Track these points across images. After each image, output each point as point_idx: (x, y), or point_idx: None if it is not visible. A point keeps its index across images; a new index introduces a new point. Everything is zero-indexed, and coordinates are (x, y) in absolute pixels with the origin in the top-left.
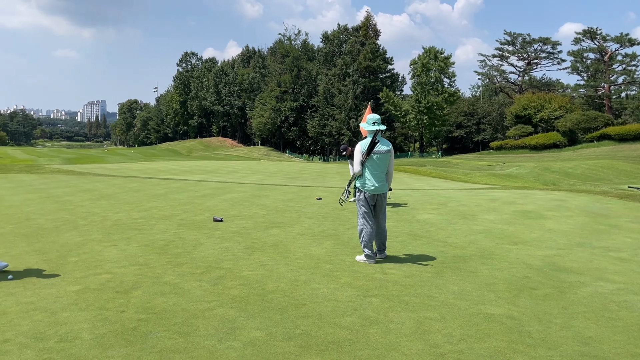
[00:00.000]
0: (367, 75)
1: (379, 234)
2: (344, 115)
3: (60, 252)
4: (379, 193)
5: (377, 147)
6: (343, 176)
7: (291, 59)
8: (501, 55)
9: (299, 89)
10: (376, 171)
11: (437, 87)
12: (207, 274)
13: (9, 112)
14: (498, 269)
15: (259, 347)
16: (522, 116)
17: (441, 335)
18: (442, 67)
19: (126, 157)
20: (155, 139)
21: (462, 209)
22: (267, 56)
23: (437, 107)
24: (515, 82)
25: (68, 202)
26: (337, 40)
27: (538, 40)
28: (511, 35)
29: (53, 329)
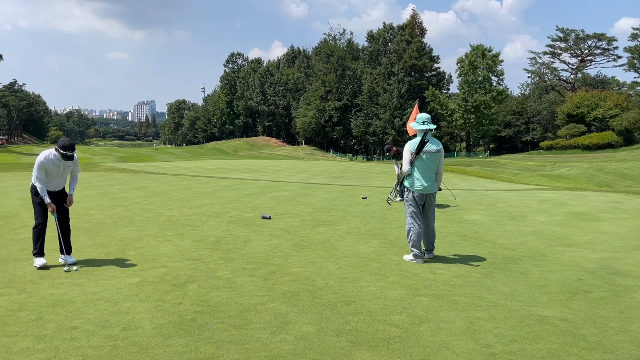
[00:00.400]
0: (412, 74)
1: (428, 234)
2: (389, 114)
3: (119, 246)
4: (428, 193)
5: (427, 147)
6: (388, 176)
7: (336, 59)
8: (553, 52)
9: (343, 88)
10: (425, 171)
11: (485, 86)
12: (258, 269)
13: (66, 113)
14: (550, 271)
15: (310, 341)
16: (575, 115)
17: (492, 336)
18: (490, 65)
19: (175, 155)
20: (202, 138)
21: (511, 210)
22: (312, 56)
23: (484, 106)
24: (567, 80)
25: (123, 199)
26: (382, 39)
27: (592, 36)
28: (564, 32)
29: (116, 318)
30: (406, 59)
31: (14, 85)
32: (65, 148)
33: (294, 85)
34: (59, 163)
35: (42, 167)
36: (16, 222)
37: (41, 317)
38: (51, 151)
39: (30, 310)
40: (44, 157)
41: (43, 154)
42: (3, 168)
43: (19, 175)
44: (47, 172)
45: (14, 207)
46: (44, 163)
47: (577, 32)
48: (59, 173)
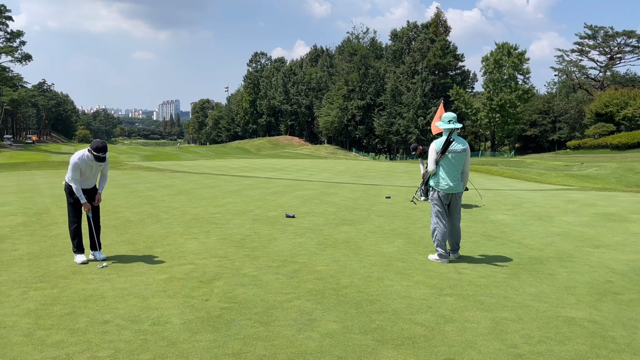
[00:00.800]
0: (436, 73)
1: (453, 233)
2: (412, 113)
3: (146, 243)
4: (454, 192)
5: (453, 146)
6: (411, 175)
7: (359, 57)
8: (581, 50)
9: (366, 87)
10: (451, 170)
11: (510, 84)
12: (283, 267)
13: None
14: (578, 272)
15: (336, 339)
16: (603, 114)
17: (519, 336)
18: (515, 64)
19: (199, 154)
20: (225, 137)
21: (537, 210)
22: (335, 55)
23: (510, 104)
24: (595, 78)
25: (150, 197)
26: (406, 37)
27: (622, 33)
28: (592, 29)
29: (146, 313)
30: (430, 58)
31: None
32: (98, 150)
33: (317, 84)
34: (92, 163)
35: (76, 167)
36: (47, 219)
37: (74, 312)
38: (84, 152)
39: (63, 304)
40: (78, 158)
41: (77, 155)
42: (33, 166)
43: (49, 173)
44: (81, 172)
45: (45, 205)
46: (78, 164)
47: (606, 29)
48: (92, 173)
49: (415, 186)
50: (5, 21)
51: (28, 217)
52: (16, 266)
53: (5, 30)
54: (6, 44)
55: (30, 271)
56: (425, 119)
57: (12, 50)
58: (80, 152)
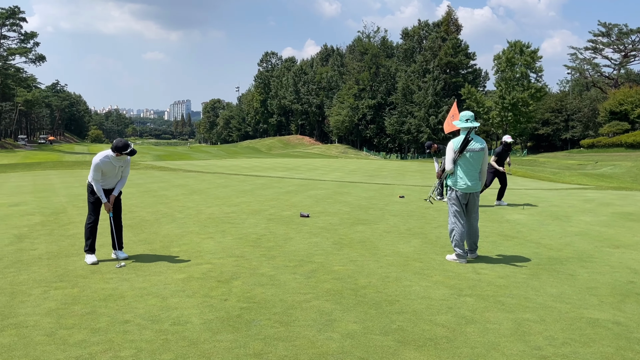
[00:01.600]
0: (447, 71)
1: (471, 233)
2: (424, 112)
3: (163, 243)
4: (472, 192)
5: (471, 145)
6: (423, 174)
7: (370, 57)
8: (594, 47)
9: (377, 86)
10: (469, 169)
11: (523, 83)
12: (300, 267)
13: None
14: (599, 273)
15: (357, 340)
16: (618, 112)
17: (542, 338)
18: (528, 62)
19: (210, 154)
20: (236, 137)
21: (553, 210)
22: (346, 54)
23: (522, 103)
24: (609, 76)
25: (164, 196)
26: (417, 36)
27: (636, 30)
28: (606, 26)
29: (166, 312)
30: (441, 56)
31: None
32: (118, 149)
33: (328, 83)
34: (116, 163)
35: (97, 168)
36: (64, 218)
37: (94, 311)
38: (107, 153)
39: (83, 304)
40: (100, 159)
41: (99, 156)
42: (48, 166)
43: (64, 173)
44: (103, 172)
45: (62, 204)
46: (99, 165)
47: (620, 27)
48: (114, 173)
49: (428, 185)
50: (19, 22)
51: (45, 216)
52: (35, 265)
53: (19, 32)
54: (20, 45)
55: (49, 270)
56: (437, 118)
57: (27, 51)
58: (103, 153)
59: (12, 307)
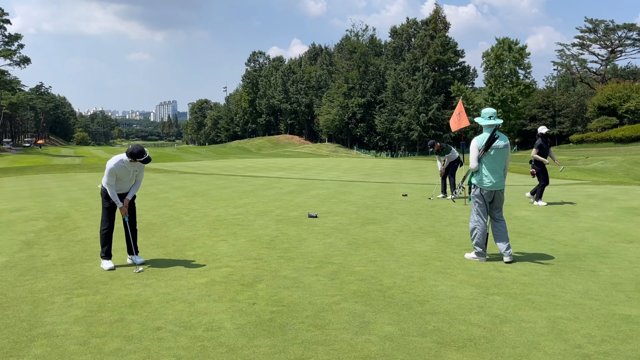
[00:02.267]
0: (436, 69)
1: (502, 232)
2: (414, 110)
3: (176, 246)
4: (497, 189)
5: (495, 142)
6: (419, 172)
7: (358, 55)
8: (582, 43)
9: (367, 84)
10: (494, 167)
11: (512, 79)
12: (320, 268)
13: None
14: (620, 269)
15: (396, 342)
16: (606, 107)
17: (580, 336)
18: (516, 59)
19: (200, 155)
20: (225, 137)
21: (559, 206)
22: (334, 53)
23: (511, 100)
24: (597, 72)
25: (166, 199)
26: (405, 34)
27: (622, 26)
28: (593, 22)
29: (196, 318)
30: (430, 54)
31: (40, 88)
32: (133, 155)
33: (317, 82)
34: (130, 168)
35: (112, 173)
36: (69, 223)
37: (123, 318)
38: (121, 157)
39: (110, 311)
40: (114, 164)
41: (113, 161)
42: (41, 170)
43: (58, 177)
44: (117, 177)
45: (64, 209)
46: (114, 170)
47: (606, 23)
48: (129, 178)
49: (429, 183)
50: (3, 24)
51: (50, 221)
52: (51, 272)
53: (3, 34)
54: (4, 47)
55: (67, 277)
56: (427, 116)
57: (11, 53)
58: (117, 157)
59: (37, 316)
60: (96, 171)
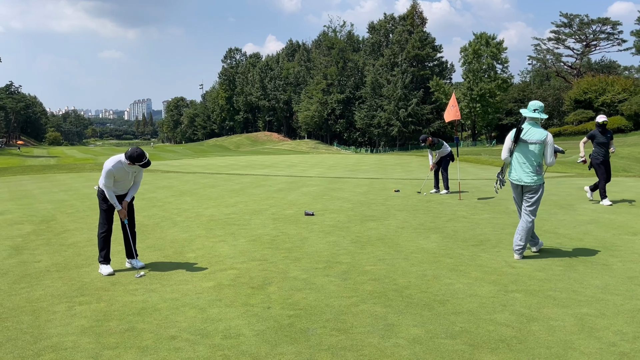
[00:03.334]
0: (415, 64)
1: (519, 228)
2: (393, 105)
3: (174, 249)
4: (523, 185)
5: (528, 136)
6: (404, 167)
7: (337, 51)
8: (557, 38)
9: (345, 80)
10: (523, 160)
11: (490, 74)
12: (330, 268)
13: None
14: (631, 261)
15: (426, 345)
16: (582, 100)
17: (612, 333)
18: (494, 53)
19: (177, 153)
20: (202, 135)
21: (554, 199)
22: (312, 49)
23: (489, 94)
24: (572, 66)
25: (154, 199)
26: (383, 30)
27: (597, 21)
28: (568, 17)
29: (211, 325)
30: (409, 50)
31: (10, 87)
32: (132, 159)
33: (295, 79)
34: (129, 169)
35: (110, 175)
36: (57, 226)
37: (133, 327)
38: (119, 158)
39: (118, 319)
40: (112, 165)
41: (111, 162)
42: (17, 171)
43: (37, 178)
44: (115, 178)
45: (49, 211)
46: (112, 171)
47: (581, 17)
48: (127, 180)
49: (417, 179)
50: None
51: (35, 225)
52: (47, 279)
53: None
54: None
55: (64, 284)
56: (406, 111)
57: None
58: (115, 158)
59: (39, 327)
60: (75, 172)
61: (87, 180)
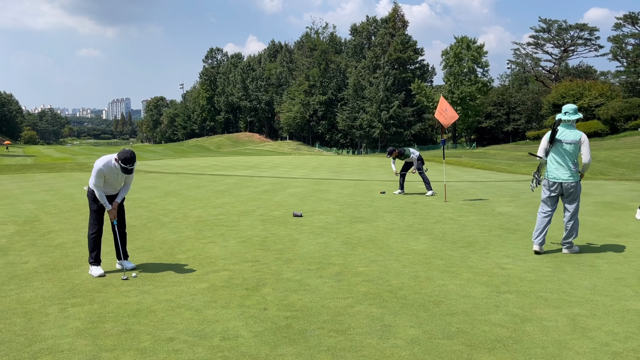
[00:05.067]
0: (397, 67)
1: (567, 226)
2: (375, 107)
3: (164, 250)
4: (561, 182)
5: (563, 136)
6: (386, 169)
7: (319, 53)
8: (536, 42)
9: (327, 82)
10: (559, 160)
11: (470, 77)
12: (322, 269)
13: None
14: (617, 263)
15: (424, 346)
16: (560, 105)
17: (604, 333)
18: (475, 57)
19: (157, 153)
20: (182, 135)
21: (537, 201)
22: (294, 50)
23: (470, 97)
24: (550, 70)
25: (139, 200)
26: (366, 32)
27: (575, 26)
28: (546, 22)
29: (209, 326)
30: (391, 52)
31: None
32: (127, 161)
33: (277, 80)
34: (117, 171)
35: (100, 174)
36: (41, 227)
37: (130, 329)
38: (111, 158)
39: (113, 321)
40: (103, 165)
41: (102, 161)
42: None
43: (16, 177)
44: (105, 178)
45: (32, 212)
46: (102, 171)
47: (559, 23)
48: (117, 180)
49: None
50: None
51: (19, 225)
52: (36, 280)
53: None
54: None
55: (55, 285)
56: (388, 113)
57: None
58: (106, 158)
59: (33, 329)
60: (55, 171)
61: (68, 180)
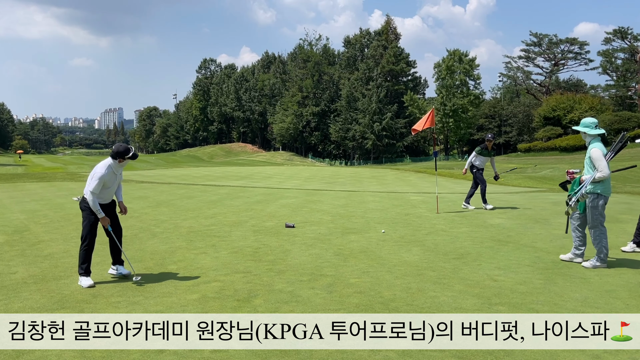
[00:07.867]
0: (389, 79)
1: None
2: (368, 119)
3: (155, 260)
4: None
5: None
6: (379, 180)
7: (312, 64)
8: (527, 56)
9: (321, 93)
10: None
11: (462, 90)
12: (314, 281)
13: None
14: (608, 275)
15: (415, 358)
16: (551, 117)
17: (595, 345)
18: (467, 70)
19: (150, 163)
20: (174, 145)
21: (530, 213)
22: (288, 61)
23: (462, 109)
24: (541, 84)
25: (130, 210)
26: (359, 44)
27: (565, 40)
28: (537, 36)
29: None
30: (384, 64)
31: None
32: (120, 154)
33: (270, 90)
34: (117, 171)
35: (102, 180)
36: (31, 237)
37: (119, 341)
38: (108, 162)
39: (102, 333)
40: (105, 169)
41: (102, 167)
42: None
43: (5, 187)
44: (105, 184)
45: (21, 221)
46: (104, 176)
47: (550, 37)
48: (114, 184)
49: (393, 192)
50: None
51: (8, 235)
52: (25, 291)
53: None
54: None
55: (43, 296)
56: (381, 125)
57: None
58: (105, 162)
59: (21, 341)
60: (46, 181)
61: (59, 190)
